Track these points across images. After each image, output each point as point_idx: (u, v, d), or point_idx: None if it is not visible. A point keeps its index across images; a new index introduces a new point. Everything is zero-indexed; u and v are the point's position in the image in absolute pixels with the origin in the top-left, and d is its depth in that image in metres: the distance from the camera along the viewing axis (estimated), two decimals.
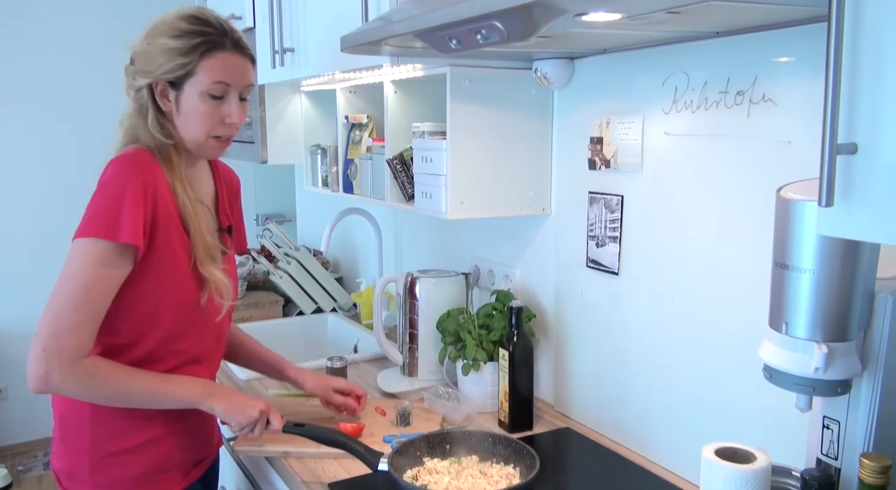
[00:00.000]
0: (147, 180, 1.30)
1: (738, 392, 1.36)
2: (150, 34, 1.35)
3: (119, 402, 1.35)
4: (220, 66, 1.34)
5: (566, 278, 1.77)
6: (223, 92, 1.36)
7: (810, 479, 0.90)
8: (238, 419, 1.41)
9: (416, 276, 1.96)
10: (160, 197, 1.31)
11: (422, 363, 1.95)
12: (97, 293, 1.26)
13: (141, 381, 1.34)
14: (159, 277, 1.34)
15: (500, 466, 1.47)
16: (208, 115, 1.35)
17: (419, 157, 1.77)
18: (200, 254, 1.38)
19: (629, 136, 1.53)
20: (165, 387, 1.37)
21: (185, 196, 1.37)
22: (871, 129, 0.73)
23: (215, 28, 1.35)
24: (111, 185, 1.28)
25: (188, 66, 1.32)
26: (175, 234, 1.35)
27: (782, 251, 0.98)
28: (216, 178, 1.55)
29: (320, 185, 2.39)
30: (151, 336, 1.37)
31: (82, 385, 1.29)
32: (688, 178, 1.43)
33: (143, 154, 1.34)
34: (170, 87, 1.34)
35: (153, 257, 1.31)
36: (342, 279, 2.97)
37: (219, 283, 1.40)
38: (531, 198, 1.79)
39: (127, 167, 1.31)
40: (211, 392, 1.41)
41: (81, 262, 1.26)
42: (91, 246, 1.26)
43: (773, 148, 1.25)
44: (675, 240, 1.47)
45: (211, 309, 1.43)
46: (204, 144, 1.39)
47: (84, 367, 1.27)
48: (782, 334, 0.99)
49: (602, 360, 1.68)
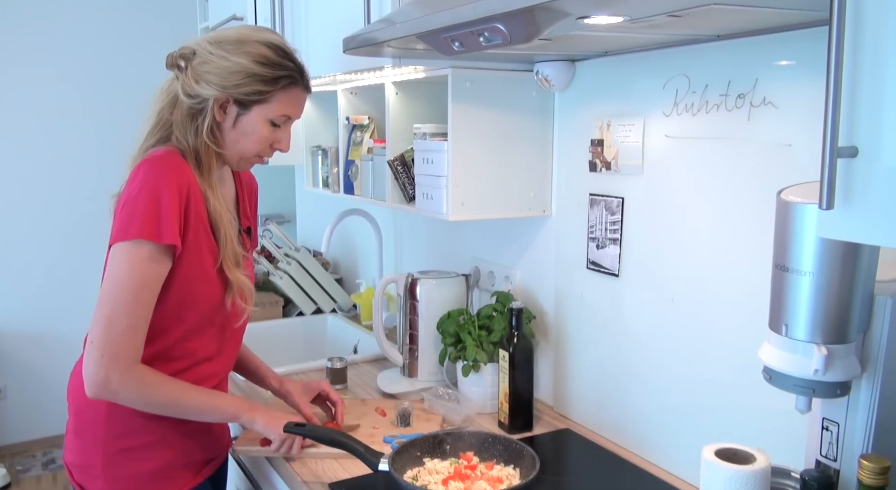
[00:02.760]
0: (181, 182, 1.31)
1: (738, 393, 1.36)
2: (227, 48, 1.35)
3: (167, 410, 1.37)
4: (293, 101, 1.42)
5: (566, 280, 1.78)
6: (284, 122, 1.43)
7: (810, 480, 0.90)
8: (278, 431, 1.46)
9: (416, 277, 1.96)
10: (192, 198, 1.33)
11: (422, 364, 1.96)
12: (147, 295, 1.29)
13: (189, 392, 1.38)
14: (187, 277, 1.35)
15: (501, 467, 1.47)
16: (265, 139, 1.41)
17: (420, 159, 1.77)
18: (229, 260, 1.40)
19: (630, 139, 1.54)
20: (212, 400, 1.42)
21: (216, 201, 1.39)
22: (871, 132, 0.74)
23: (296, 65, 1.41)
24: (147, 187, 1.29)
25: (265, 95, 1.36)
26: (203, 235, 1.37)
27: (782, 253, 0.99)
28: (237, 180, 1.57)
29: (321, 186, 2.39)
30: (172, 333, 1.39)
31: (138, 391, 1.31)
32: (688, 181, 1.43)
33: (174, 156, 1.35)
34: (234, 104, 1.36)
35: (183, 257, 1.33)
36: (342, 280, 2.98)
37: (243, 287, 1.43)
38: (532, 199, 1.79)
39: (161, 169, 1.32)
40: (251, 407, 1.46)
41: (128, 265, 1.27)
42: (136, 248, 1.27)
43: (773, 151, 1.26)
44: (675, 242, 1.47)
45: (233, 312, 1.45)
46: (245, 160, 1.45)
47: (140, 373, 1.30)
48: (782, 336, 1.00)
49: (602, 361, 1.69)
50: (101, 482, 1.39)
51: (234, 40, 1.36)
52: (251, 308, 1.47)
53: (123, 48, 3.74)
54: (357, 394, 1.96)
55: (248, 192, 1.60)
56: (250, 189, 1.62)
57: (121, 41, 3.80)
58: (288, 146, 1.46)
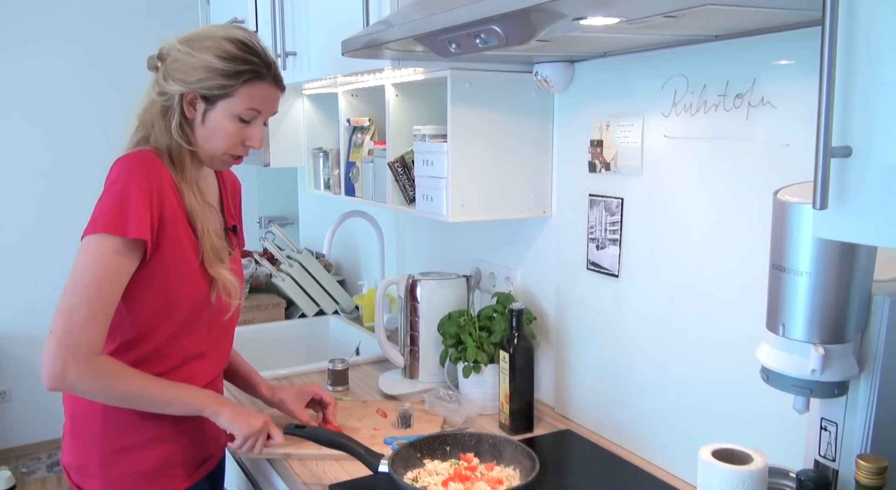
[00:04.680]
0: (152, 179, 1.33)
1: (738, 394, 1.36)
2: (193, 45, 1.37)
3: (129, 402, 1.37)
4: (258, 96, 1.40)
5: (567, 281, 1.78)
6: (252, 117, 1.42)
7: (806, 481, 0.90)
8: (242, 428, 1.43)
9: (417, 278, 1.96)
10: (166, 195, 1.34)
11: (423, 365, 1.96)
12: (109, 288, 1.29)
13: (152, 384, 1.37)
14: (171, 273, 1.36)
15: (501, 468, 1.47)
16: (233, 135, 1.41)
17: (420, 160, 1.77)
18: (209, 255, 1.41)
19: (629, 139, 1.54)
20: (175, 391, 1.40)
21: (192, 197, 1.40)
22: (865, 132, 0.74)
23: (261, 59, 1.40)
24: (118, 183, 1.31)
25: (228, 89, 1.37)
26: (183, 232, 1.38)
27: (779, 253, 0.99)
28: (220, 180, 1.58)
29: (322, 187, 2.40)
30: (161, 331, 1.39)
31: (96, 382, 1.30)
32: (687, 181, 1.43)
33: (148, 155, 1.37)
34: (201, 100, 1.38)
35: (164, 254, 1.34)
36: (344, 281, 2.98)
37: (227, 282, 1.44)
38: (532, 200, 1.79)
39: (132, 166, 1.34)
40: (218, 400, 1.44)
41: (92, 257, 1.28)
42: (101, 242, 1.28)
43: (771, 150, 1.26)
44: (674, 242, 1.47)
45: (219, 307, 1.46)
46: (217, 159, 1.45)
47: (99, 365, 1.29)
48: (779, 336, 1.00)
49: (602, 362, 1.69)
50: (97, 482, 1.40)
51: (201, 37, 1.38)
52: (237, 303, 1.47)
53: (125, 52, 3.74)
54: (358, 395, 1.97)
55: (232, 191, 1.62)
56: (234, 189, 1.64)
57: (122, 45, 3.81)
58: (260, 143, 1.45)
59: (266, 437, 1.47)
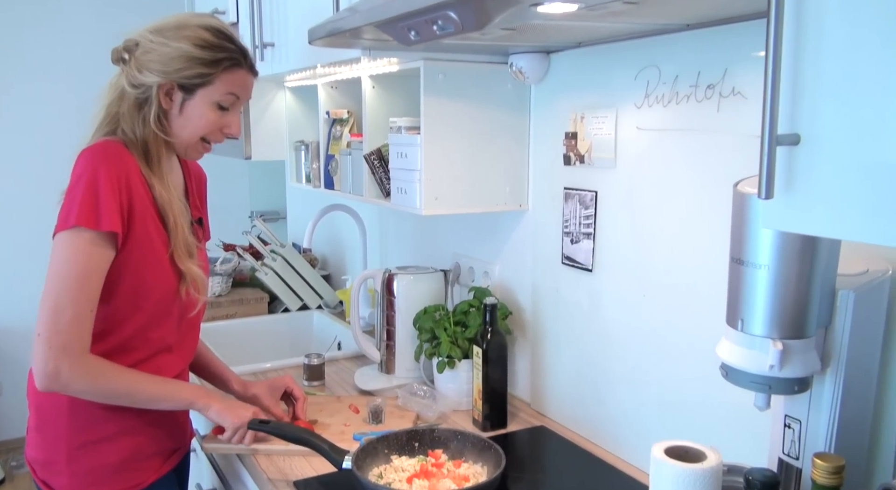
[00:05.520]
0: (119, 169, 1.31)
1: (709, 391, 1.33)
2: (167, 34, 1.35)
3: (121, 400, 1.36)
4: (237, 82, 1.40)
5: (543, 275, 1.75)
6: (231, 104, 1.41)
7: (753, 480, 0.88)
8: (233, 420, 1.46)
9: (393, 272, 1.94)
10: (134, 187, 1.32)
11: (399, 360, 1.94)
12: (90, 283, 1.28)
13: (145, 380, 1.37)
14: (140, 265, 1.34)
15: (469, 465, 1.45)
16: (212, 122, 1.40)
17: (395, 153, 1.75)
18: (180, 250, 1.40)
19: (602, 131, 1.51)
20: (167, 388, 1.41)
21: (161, 189, 1.38)
22: (813, 119, 0.71)
23: (237, 46, 1.40)
24: (85, 175, 1.29)
25: (207, 77, 1.36)
26: (151, 224, 1.36)
27: (738, 246, 0.96)
28: (185, 172, 1.55)
29: (304, 181, 2.37)
30: (129, 324, 1.37)
31: (89, 381, 1.30)
32: (659, 174, 1.41)
33: (114, 145, 1.35)
34: (179, 90, 1.36)
35: (132, 245, 1.32)
36: (330, 276, 2.96)
37: (196, 278, 1.43)
38: (508, 194, 1.77)
39: (98, 157, 1.31)
40: (207, 394, 1.46)
41: (71, 254, 1.27)
42: (76, 237, 1.26)
43: (742, 142, 1.23)
44: (647, 236, 1.45)
45: (188, 302, 1.45)
46: (193, 146, 1.43)
47: (91, 363, 1.29)
48: (738, 331, 0.98)
49: (578, 357, 1.66)
50: (64, 478, 1.37)
51: (173, 26, 1.36)
52: (204, 299, 1.46)
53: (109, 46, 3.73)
54: (334, 390, 1.95)
55: (197, 182, 1.60)
56: (199, 180, 1.61)
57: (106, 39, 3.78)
58: (238, 130, 1.45)
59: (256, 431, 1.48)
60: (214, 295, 2.71)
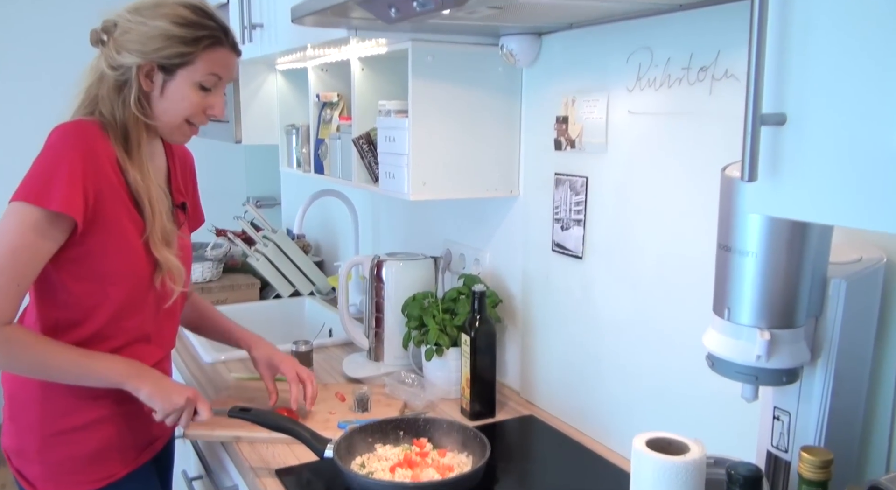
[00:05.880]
0: (88, 152, 1.27)
1: (699, 381, 1.30)
2: (145, 13, 1.31)
3: (39, 374, 1.31)
4: (219, 61, 1.35)
5: (533, 262, 1.72)
6: (214, 84, 1.37)
7: (735, 475, 0.85)
8: (162, 404, 1.35)
9: (382, 258, 1.91)
10: (102, 171, 1.28)
11: (388, 348, 1.91)
12: (23, 258, 1.23)
13: (62, 354, 1.29)
14: (108, 254, 1.30)
15: (454, 454, 1.42)
16: (195, 103, 1.36)
17: (383, 137, 1.71)
18: (156, 237, 1.35)
19: (594, 115, 1.47)
20: (89, 362, 1.31)
21: (138, 175, 1.33)
22: (800, 98, 0.68)
23: (218, 24, 1.36)
24: (50, 151, 1.25)
25: (188, 57, 1.31)
26: (124, 212, 1.32)
27: (725, 232, 0.93)
28: (168, 154, 1.51)
29: (295, 165, 2.34)
30: (101, 312, 1.33)
31: (4, 352, 1.25)
32: (651, 159, 1.37)
33: (89, 126, 1.31)
34: (159, 71, 1.32)
35: (99, 231, 1.28)
36: (323, 263, 2.93)
37: (172, 267, 1.38)
38: (498, 180, 1.73)
39: (69, 137, 1.27)
40: (138, 373, 1.35)
41: (11, 226, 1.23)
42: (21, 210, 1.23)
43: (734, 126, 1.19)
44: (638, 223, 1.41)
45: (163, 291, 1.40)
46: (177, 129, 1.39)
47: (4, 334, 1.23)
48: (725, 320, 0.94)
49: (568, 346, 1.63)
50: (37, 467, 1.35)
51: (151, 5, 1.31)
52: (180, 289, 1.41)
53: None
54: (322, 378, 1.92)
55: (182, 165, 1.55)
56: (184, 163, 1.56)
57: None
58: (222, 111, 1.40)
59: (192, 412, 1.39)
60: (205, 280, 2.68)
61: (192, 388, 1.42)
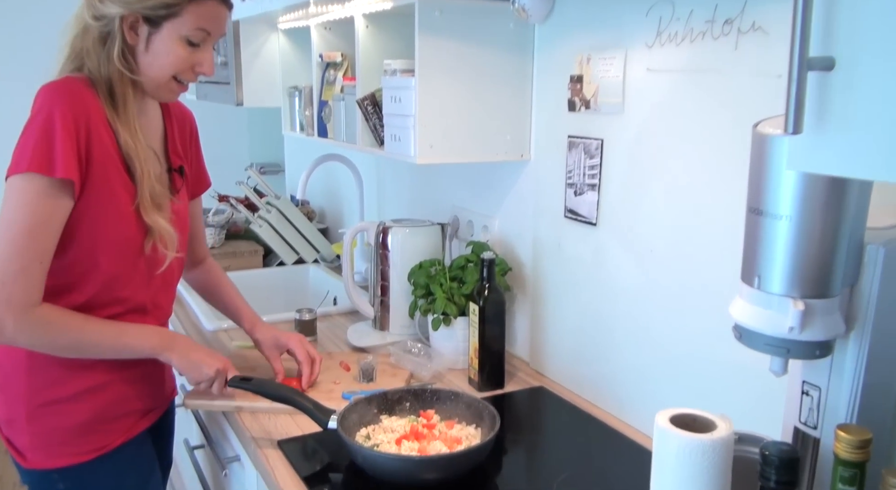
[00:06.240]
0: (78, 110, 1.20)
1: (718, 352, 1.25)
2: None
3: (76, 352, 1.28)
4: (207, 14, 1.27)
5: (545, 229, 1.65)
6: (202, 39, 1.29)
7: (770, 455, 0.79)
8: (193, 375, 1.38)
9: (388, 225, 1.85)
10: (94, 130, 1.22)
11: (394, 317, 1.86)
12: (41, 233, 1.18)
13: (98, 331, 1.28)
14: (97, 217, 1.25)
15: (462, 426, 1.37)
16: (182, 59, 1.28)
17: (388, 97, 1.64)
18: (146, 201, 1.30)
19: (610, 74, 1.40)
20: (123, 338, 1.31)
21: (127, 135, 1.27)
22: (852, 40, 0.60)
23: None
24: (41, 115, 1.18)
25: (174, 8, 1.24)
26: (114, 172, 1.26)
27: (757, 194, 0.86)
28: (165, 116, 1.44)
29: (298, 129, 2.27)
30: (92, 280, 1.28)
31: (37, 334, 1.22)
32: (670, 119, 1.30)
33: (76, 83, 1.24)
34: (144, 23, 1.24)
35: (89, 194, 1.23)
36: (327, 230, 2.87)
37: (163, 231, 1.32)
38: (509, 142, 1.66)
39: (57, 95, 1.21)
40: (170, 344, 1.35)
41: (20, 201, 1.17)
42: (27, 183, 1.17)
43: (762, 83, 1.12)
44: (656, 187, 1.34)
45: (155, 258, 1.35)
46: (164, 86, 1.31)
47: (37, 316, 1.20)
48: (754, 289, 0.88)
49: (579, 316, 1.57)
50: (25, 437, 1.31)
51: None
52: (173, 254, 1.35)
53: None
54: (326, 347, 1.87)
55: (181, 127, 1.48)
56: (183, 125, 1.49)
57: None
58: (211, 68, 1.33)
59: (224, 381, 1.40)
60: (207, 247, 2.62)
61: (223, 359, 1.41)
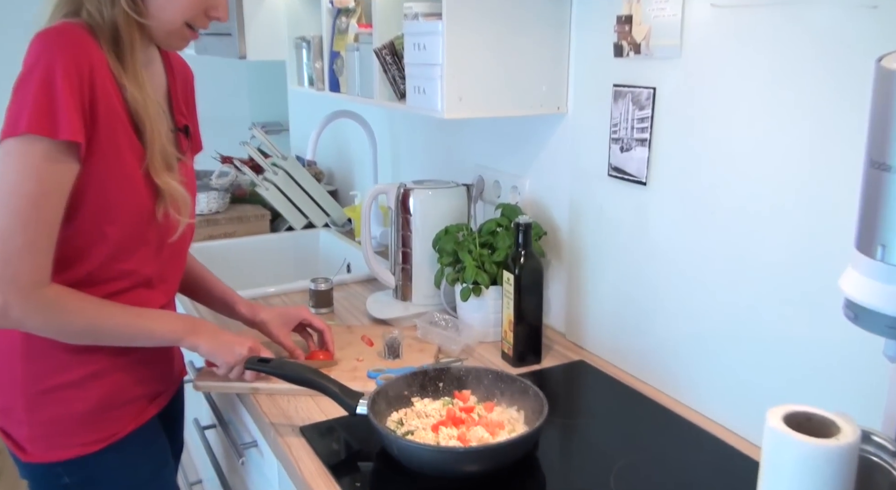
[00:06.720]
0: (81, 61, 1.04)
1: (786, 326, 1.12)
2: None
3: (90, 338, 1.15)
4: None
5: (584, 190, 1.51)
6: None
7: None
8: (226, 358, 1.26)
9: (409, 187, 1.71)
10: (99, 83, 1.06)
11: (416, 286, 1.72)
12: (46, 203, 1.04)
13: (115, 315, 1.15)
14: (105, 183, 1.10)
15: (502, 409, 1.25)
16: (195, 2, 1.14)
17: (411, 44, 1.48)
18: (157, 162, 1.15)
19: (665, 12, 1.24)
20: (143, 322, 1.19)
21: (135, 89, 1.12)
22: None
23: None
24: (38, 68, 1.02)
25: None
26: (121, 131, 1.11)
27: (881, 146, 0.72)
28: (168, 70, 1.29)
29: (306, 84, 2.11)
30: (96, 251, 1.14)
31: (46, 317, 1.09)
32: (738, 63, 1.14)
33: (76, 29, 1.07)
34: None
35: (94, 157, 1.08)
36: (337, 192, 2.72)
37: (176, 195, 1.18)
38: (544, 94, 1.51)
39: (55, 44, 1.04)
40: (194, 328, 1.24)
41: (21, 167, 1.02)
42: (26, 147, 1.02)
43: (851, 16, 0.97)
44: (719, 142, 1.20)
45: (167, 226, 1.21)
46: (175, 32, 1.17)
47: (47, 297, 1.07)
48: (876, 261, 0.74)
49: (624, 283, 1.44)
50: (24, 428, 1.18)
51: None
52: (187, 220, 1.22)
53: None
54: (344, 319, 1.74)
55: (184, 85, 1.33)
56: (185, 81, 1.34)
57: None
58: (226, 13, 1.19)
59: None
60: (211, 211, 2.47)
61: (251, 337, 1.31)
